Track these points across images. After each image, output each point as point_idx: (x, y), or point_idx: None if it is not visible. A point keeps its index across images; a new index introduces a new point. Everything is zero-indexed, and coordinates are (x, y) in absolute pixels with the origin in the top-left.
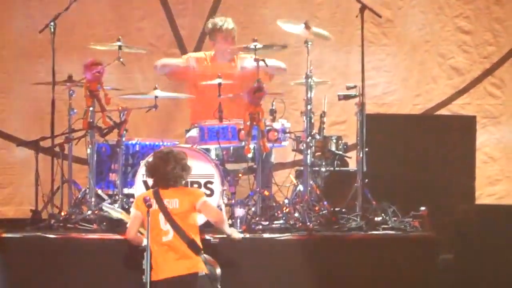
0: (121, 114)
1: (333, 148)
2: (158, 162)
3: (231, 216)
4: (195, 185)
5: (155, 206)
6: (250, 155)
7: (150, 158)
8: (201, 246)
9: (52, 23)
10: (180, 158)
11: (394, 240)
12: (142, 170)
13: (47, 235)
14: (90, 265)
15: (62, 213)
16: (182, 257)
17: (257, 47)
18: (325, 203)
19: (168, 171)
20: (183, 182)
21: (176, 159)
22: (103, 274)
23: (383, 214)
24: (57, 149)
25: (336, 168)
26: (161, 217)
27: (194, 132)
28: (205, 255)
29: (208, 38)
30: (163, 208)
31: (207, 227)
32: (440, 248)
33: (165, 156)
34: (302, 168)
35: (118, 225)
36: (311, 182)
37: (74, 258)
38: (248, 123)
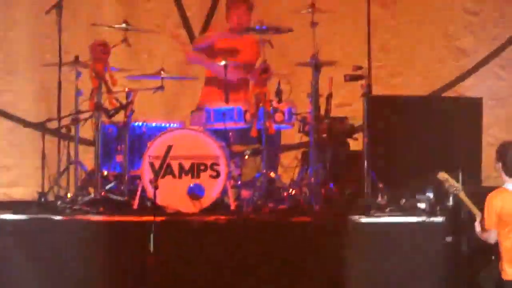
0: (128, 96)
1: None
2: None
3: (237, 197)
4: (201, 167)
5: None
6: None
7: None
8: None
9: (58, 4)
10: None
11: (401, 224)
12: (149, 151)
13: (54, 217)
14: (96, 247)
15: (69, 195)
16: None
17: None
18: (331, 185)
19: None
20: None
21: None
22: (109, 256)
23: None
24: (63, 130)
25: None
26: None
27: (199, 113)
28: None
29: (215, 18)
30: None
31: None
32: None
33: None
34: (308, 150)
35: (123, 207)
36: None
37: (80, 240)
38: (254, 104)
